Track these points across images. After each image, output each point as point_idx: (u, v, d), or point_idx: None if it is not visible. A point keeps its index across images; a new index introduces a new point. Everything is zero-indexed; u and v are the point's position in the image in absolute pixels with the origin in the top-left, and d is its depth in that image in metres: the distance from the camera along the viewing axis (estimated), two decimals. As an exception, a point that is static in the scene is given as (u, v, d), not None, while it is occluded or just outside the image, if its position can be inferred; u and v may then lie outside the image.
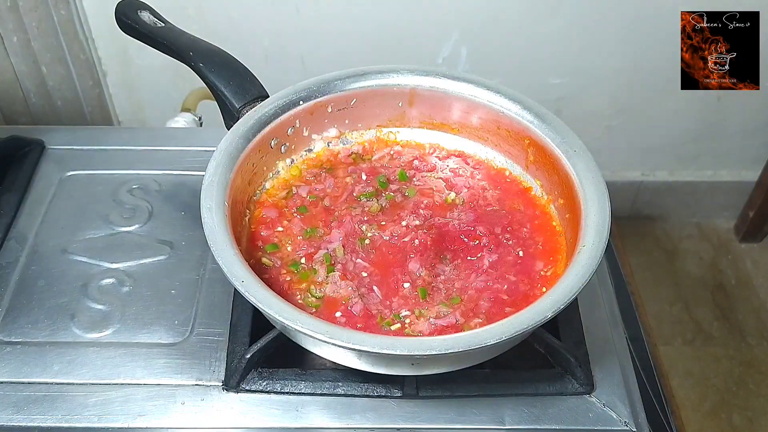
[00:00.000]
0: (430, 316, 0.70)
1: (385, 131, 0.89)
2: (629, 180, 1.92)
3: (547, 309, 0.62)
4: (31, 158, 0.96)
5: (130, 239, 0.87)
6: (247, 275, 0.64)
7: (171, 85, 1.55)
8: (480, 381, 0.74)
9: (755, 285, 1.90)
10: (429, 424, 0.72)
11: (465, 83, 0.83)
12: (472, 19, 1.51)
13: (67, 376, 0.74)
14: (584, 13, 1.51)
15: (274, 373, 0.74)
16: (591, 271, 0.65)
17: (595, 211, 0.70)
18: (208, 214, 0.68)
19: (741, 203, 1.96)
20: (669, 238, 2.00)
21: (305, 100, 0.82)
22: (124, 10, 0.86)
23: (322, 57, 1.54)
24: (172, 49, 0.83)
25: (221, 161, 0.74)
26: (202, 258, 0.85)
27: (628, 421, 0.72)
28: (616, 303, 0.85)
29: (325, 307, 0.71)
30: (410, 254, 0.75)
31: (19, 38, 1.29)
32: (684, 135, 1.81)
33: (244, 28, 1.48)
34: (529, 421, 0.72)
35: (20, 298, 0.81)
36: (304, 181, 0.84)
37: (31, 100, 1.37)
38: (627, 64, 1.62)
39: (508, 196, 0.83)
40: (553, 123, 0.79)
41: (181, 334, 0.78)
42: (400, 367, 0.68)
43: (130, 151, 0.98)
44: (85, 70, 1.46)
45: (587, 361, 0.76)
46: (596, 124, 1.76)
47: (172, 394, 0.73)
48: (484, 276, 0.74)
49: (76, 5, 1.38)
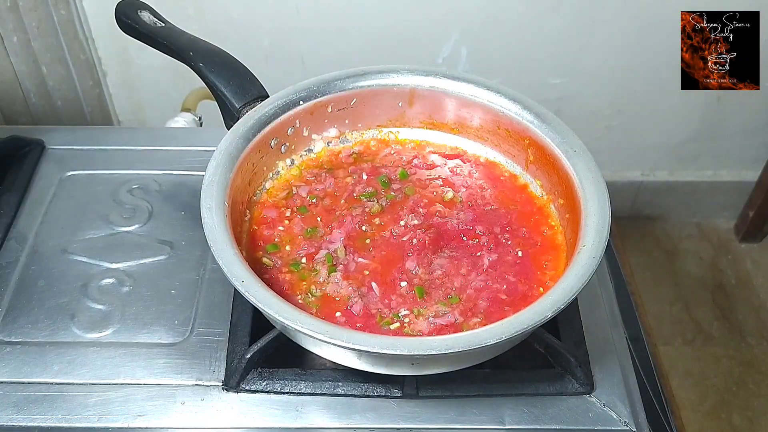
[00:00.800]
0: (429, 315, 0.70)
1: (385, 131, 0.89)
2: (629, 180, 1.92)
3: (547, 309, 0.62)
4: (31, 158, 0.96)
5: (130, 239, 0.87)
6: (247, 275, 0.64)
7: (171, 85, 1.54)
8: (480, 381, 0.74)
9: (755, 285, 1.90)
10: (429, 424, 0.72)
11: (465, 83, 0.83)
12: (472, 19, 1.51)
13: (67, 376, 0.74)
14: (584, 13, 1.51)
15: (274, 373, 0.74)
16: (591, 271, 0.65)
17: (595, 211, 0.70)
18: (208, 214, 0.68)
19: (741, 203, 1.95)
20: (669, 238, 2.00)
21: (305, 100, 0.82)
22: (124, 10, 0.86)
23: (322, 57, 1.54)
24: (172, 49, 0.83)
25: (221, 161, 0.74)
26: (202, 258, 0.85)
27: (628, 421, 0.72)
28: (616, 303, 0.85)
29: (325, 307, 0.71)
30: (408, 253, 0.76)
31: (19, 38, 1.29)
32: (684, 135, 1.81)
33: (244, 28, 1.48)
34: (529, 421, 0.72)
35: (20, 298, 0.81)
36: (304, 181, 0.84)
37: (31, 100, 1.37)
38: (627, 64, 1.62)
39: (508, 196, 0.83)
40: (553, 123, 0.79)
41: (181, 334, 0.78)
42: (400, 367, 0.68)
43: (130, 151, 0.98)
44: (85, 70, 1.46)
45: (587, 361, 0.76)
46: (596, 124, 1.76)
47: (172, 394, 0.73)
48: (483, 275, 0.74)
49: (76, 5, 1.38)
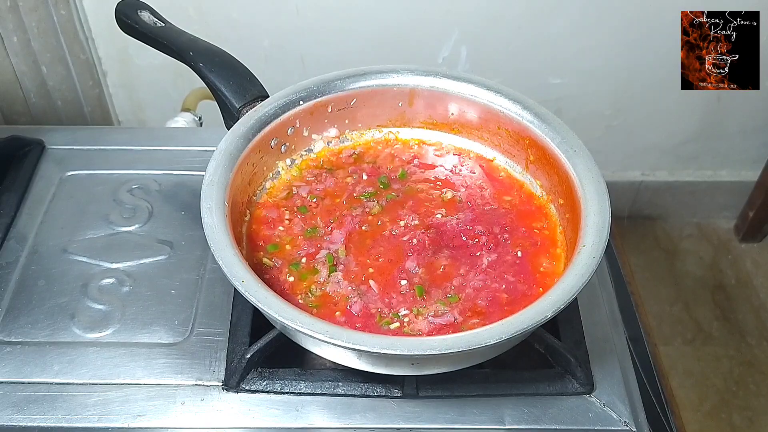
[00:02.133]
0: (428, 314, 0.70)
1: (385, 131, 0.89)
2: (629, 180, 1.92)
3: (547, 309, 0.62)
4: (31, 158, 0.96)
5: (130, 239, 0.87)
6: (247, 275, 0.64)
7: (171, 85, 1.54)
8: (480, 381, 0.74)
9: (755, 285, 1.90)
10: (429, 424, 0.72)
11: (465, 83, 0.83)
12: (472, 19, 1.51)
13: (67, 376, 0.74)
14: (584, 13, 1.51)
15: (274, 373, 0.74)
16: (591, 271, 0.65)
17: (595, 211, 0.70)
18: (208, 214, 0.68)
19: (741, 203, 1.95)
20: (669, 238, 2.00)
21: (305, 100, 0.82)
22: (124, 10, 0.86)
23: (322, 57, 1.54)
24: (172, 49, 0.83)
25: (221, 161, 0.74)
26: (202, 258, 0.85)
27: (628, 421, 0.72)
28: (616, 303, 0.85)
29: (325, 307, 0.71)
30: (408, 252, 0.76)
31: (19, 38, 1.29)
32: (684, 135, 1.81)
33: (244, 28, 1.48)
34: (529, 421, 0.72)
35: (20, 298, 0.81)
36: (304, 181, 0.84)
37: (31, 100, 1.37)
38: (627, 64, 1.62)
39: (508, 196, 0.83)
40: (553, 123, 0.79)
41: (181, 334, 0.78)
42: (400, 367, 0.68)
43: (130, 151, 0.98)
44: (85, 70, 1.46)
45: (587, 361, 0.76)
46: (596, 124, 1.76)
47: (172, 394, 0.73)
48: (482, 275, 0.74)
49: (76, 5, 1.38)
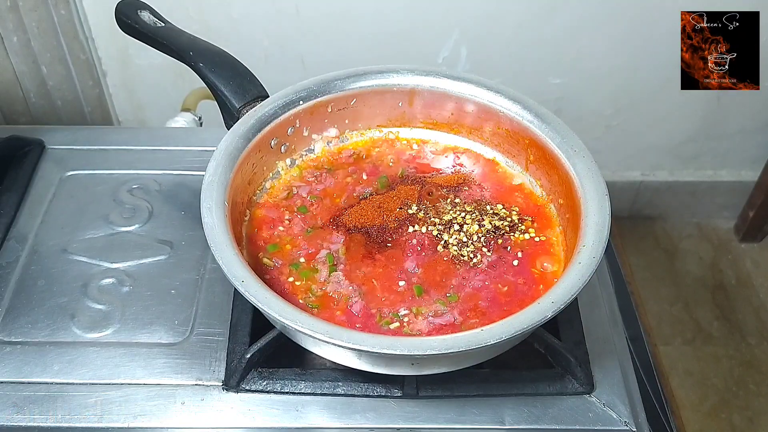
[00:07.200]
0: (428, 314, 0.70)
1: (385, 131, 0.89)
2: (629, 180, 1.92)
3: (547, 309, 0.62)
4: (31, 158, 0.96)
5: (130, 239, 0.87)
6: (247, 275, 0.64)
7: (171, 85, 1.54)
8: (480, 381, 0.74)
9: (755, 285, 1.90)
10: (429, 424, 0.72)
11: (465, 83, 0.83)
12: (472, 19, 1.51)
13: (67, 376, 0.74)
14: (584, 13, 1.51)
15: (274, 373, 0.74)
16: (591, 271, 0.65)
17: (595, 211, 0.70)
18: (208, 214, 0.68)
19: (741, 203, 1.96)
20: (669, 238, 2.00)
21: (305, 100, 0.82)
22: (124, 10, 0.86)
23: (322, 57, 1.54)
24: (172, 49, 0.83)
25: (221, 161, 0.74)
26: (202, 258, 0.85)
27: (628, 421, 0.72)
28: (616, 303, 0.85)
29: (325, 307, 0.71)
30: (408, 252, 0.76)
31: (19, 38, 1.29)
32: (684, 135, 1.81)
33: (244, 28, 1.48)
34: (529, 421, 0.72)
35: (20, 298, 0.81)
36: (304, 181, 0.84)
37: (31, 100, 1.37)
38: (627, 63, 1.62)
39: (508, 196, 0.83)
40: (553, 123, 0.79)
41: (181, 334, 0.78)
42: (400, 366, 0.68)
43: (130, 151, 0.98)
44: (85, 70, 1.46)
45: (587, 361, 0.76)
46: (596, 124, 1.76)
47: (172, 394, 0.73)
48: (482, 275, 0.74)
49: (76, 5, 1.38)
